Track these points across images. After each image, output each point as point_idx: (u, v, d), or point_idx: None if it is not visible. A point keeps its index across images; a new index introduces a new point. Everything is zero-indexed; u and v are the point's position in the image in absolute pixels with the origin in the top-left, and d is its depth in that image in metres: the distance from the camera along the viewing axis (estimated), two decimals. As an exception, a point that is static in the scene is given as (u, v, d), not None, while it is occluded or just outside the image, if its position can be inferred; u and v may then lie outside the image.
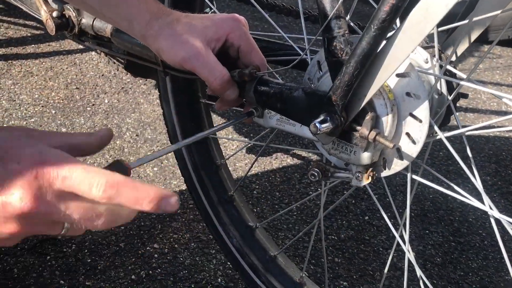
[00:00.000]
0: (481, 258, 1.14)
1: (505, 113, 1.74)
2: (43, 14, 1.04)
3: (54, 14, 1.03)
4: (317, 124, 0.59)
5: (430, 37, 0.66)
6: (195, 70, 0.66)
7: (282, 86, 0.66)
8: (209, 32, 0.67)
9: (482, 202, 0.65)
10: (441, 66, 0.64)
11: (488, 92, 1.85)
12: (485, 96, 1.87)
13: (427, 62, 0.67)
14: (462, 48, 0.72)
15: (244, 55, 0.69)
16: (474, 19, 0.63)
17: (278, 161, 1.37)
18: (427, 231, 1.20)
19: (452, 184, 0.67)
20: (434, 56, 0.66)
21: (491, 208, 0.65)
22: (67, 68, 1.72)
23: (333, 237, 1.16)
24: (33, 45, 1.82)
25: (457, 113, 1.73)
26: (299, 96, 0.64)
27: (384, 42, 0.54)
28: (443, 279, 1.08)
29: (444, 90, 0.67)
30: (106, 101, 1.57)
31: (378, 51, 0.54)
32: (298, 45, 0.79)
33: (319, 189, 1.22)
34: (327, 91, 0.59)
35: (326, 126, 0.59)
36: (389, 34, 0.54)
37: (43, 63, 1.73)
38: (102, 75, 1.70)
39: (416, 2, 0.51)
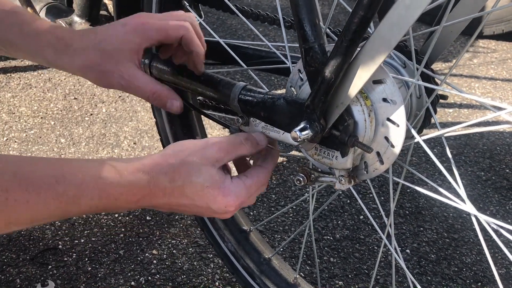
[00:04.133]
0: (475, 253, 1.16)
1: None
2: (36, 29, 1.06)
3: (47, 29, 1.05)
4: (297, 132, 0.61)
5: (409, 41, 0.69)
6: (135, 94, 0.71)
7: (265, 95, 0.68)
8: (126, 46, 0.68)
9: (464, 202, 0.67)
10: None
11: (477, 88, 1.87)
12: (479, 91, 1.88)
13: (404, 67, 0.70)
14: (440, 50, 0.74)
15: (186, 44, 0.71)
16: (444, 24, 0.64)
17: (274, 163, 1.39)
18: (422, 228, 1.22)
19: (433, 184, 0.69)
20: (411, 60, 0.68)
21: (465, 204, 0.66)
22: (65, 79, 1.75)
23: (328, 237, 1.18)
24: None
25: (451, 110, 1.74)
26: (281, 104, 0.66)
27: (358, 50, 0.56)
28: (437, 276, 1.09)
29: (422, 93, 0.69)
30: (104, 110, 1.59)
31: (351, 60, 0.56)
32: (282, 52, 0.81)
33: (306, 193, 1.24)
34: (307, 99, 0.62)
35: (306, 133, 0.61)
36: (362, 44, 0.56)
37: (41, 75, 1.76)
38: (100, 84, 1.73)
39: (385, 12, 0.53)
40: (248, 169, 0.65)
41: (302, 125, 0.61)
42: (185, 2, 0.86)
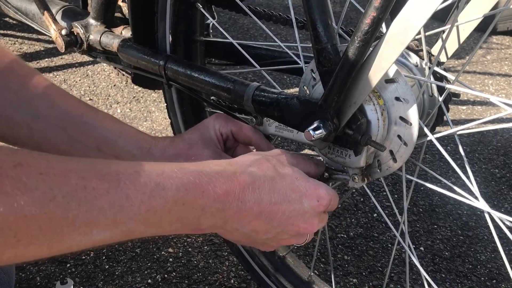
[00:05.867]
0: (490, 250, 1.16)
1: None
2: (53, 32, 1.08)
3: (63, 32, 1.07)
4: (310, 131, 0.62)
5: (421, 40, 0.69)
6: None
7: (278, 95, 0.69)
8: (208, 130, 0.71)
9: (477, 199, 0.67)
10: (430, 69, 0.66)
11: (491, 84, 1.85)
12: (493, 88, 1.87)
13: (417, 66, 0.70)
14: (452, 49, 0.74)
15: (238, 134, 0.72)
16: (456, 24, 0.65)
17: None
18: (435, 226, 1.22)
19: (447, 182, 0.69)
20: (423, 59, 0.69)
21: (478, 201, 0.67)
22: (80, 80, 1.77)
23: (342, 235, 1.18)
24: (46, 59, 1.88)
25: (464, 107, 1.73)
26: (294, 104, 0.67)
27: (370, 50, 0.57)
28: (451, 273, 1.09)
29: (435, 91, 0.69)
30: (119, 111, 1.62)
31: (363, 60, 0.57)
32: (295, 52, 0.82)
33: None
34: (320, 98, 0.62)
35: (320, 132, 0.62)
36: (374, 43, 0.57)
37: (57, 76, 1.78)
38: (114, 85, 1.75)
39: (398, 12, 0.54)
40: None
41: (315, 125, 0.62)
42: (199, 4, 0.87)
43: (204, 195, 0.48)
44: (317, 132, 0.62)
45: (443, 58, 0.75)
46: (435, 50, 0.75)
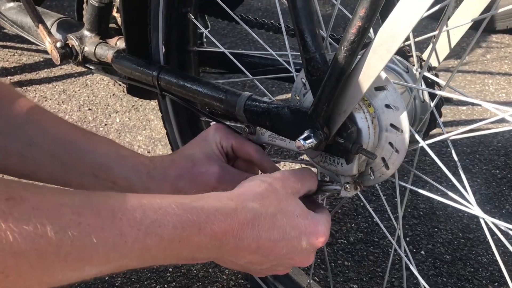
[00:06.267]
0: (491, 253, 1.15)
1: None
2: (48, 45, 1.09)
3: (58, 44, 1.07)
4: (301, 141, 0.61)
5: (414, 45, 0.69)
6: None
7: (269, 104, 0.69)
8: (210, 145, 0.70)
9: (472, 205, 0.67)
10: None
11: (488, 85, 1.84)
12: (493, 88, 1.86)
13: (407, 72, 0.70)
14: (444, 53, 0.74)
15: (238, 150, 0.70)
16: (445, 29, 0.64)
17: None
18: (436, 229, 1.21)
19: (441, 187, 0.69)
20: (414, 65, 0.68)
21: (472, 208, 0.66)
22: (79, 90, 1.78)
23: (342, 240, 1.18)
24: (46, 70, 1.89)
25: (464, 107, 1.72)
26: (285, 113, 0.67)
27: (358, 58, 0.56)
28: (452, 277, 1.09)
29: (426, 97, 0.69)
30: (118, 120, 1.62)
31: (351, 69, 0.56)
32: (287, 60, 0.82)
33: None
34: (310, 108, 0.62)
35: (310, 142, 0.61)
36: (361, 52, 0.56)
37: (56, 87, 1.79)
38: (113, 94, 1.75)
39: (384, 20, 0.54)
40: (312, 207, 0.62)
41: (306, 134, 0.62)
42: (190, 14, 0.87)
43: (201, 233, 0.47)
44: (307, 141, 0.61)
45: (434, 63, 0.75)
46: (426, 55, 0.75)
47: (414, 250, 1.15)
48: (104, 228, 0.40)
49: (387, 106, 0.61)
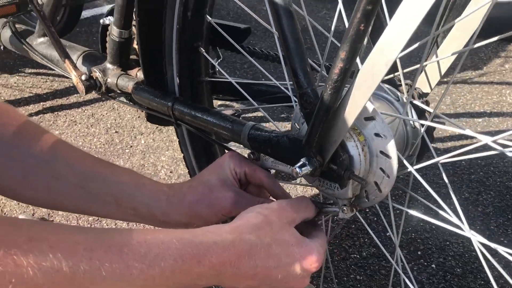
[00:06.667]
0: (502, 266, 1.16)
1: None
2: (74, 78, 1.18)
3: (83, 77, 1.16)
4: (297, 169, 0.67)
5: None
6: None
7: (270, 133, 0.75)
8: (224, 171, 0.75)
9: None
10: (411, 103, 0.71)
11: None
12: (510, 98, 1.87)
13: (398, 100, 0.75)
14: (435, 80, 0.78)
15: (251, 176, 0.76)
16: (428, 63, 0.69)
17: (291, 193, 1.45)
18: (448, 242, 1.24)
19: (437, 209, 0.73)
20: (403, 93, 0.73)
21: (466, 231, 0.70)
22: (106, 113, 1.88)
23: (355, 255, 1.22)
24: (75, 95, 2.00)
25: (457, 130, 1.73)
26: (284, 142, 0.73)
27: (346, 91, 0.62)
28: (463, 290, 1.12)
29: (416, 124, 0.74)
30: (143, 141, 1.71)
31: (337, 104, 0.62)
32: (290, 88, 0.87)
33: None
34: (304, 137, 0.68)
35: (305, 169, 0.67)
36: (346, 88, 0.62)
37: (85, 111, 1.89)
38: (139, 116, 1.85)
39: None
40: (309, 231, 0.68)
41: (301, 162, 0.67)
42: (201, 48, 0.94)
43: (200, 265, 0.52)
44: (303, 168, 0.67)
45: (427, 89, 0.79)
46: (419, 82, 0.80)
47: (425, 263, 1.18)
48: (113, 262, 0.45)
49: (376, 134, 0.66)
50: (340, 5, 0.71)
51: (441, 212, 0.73)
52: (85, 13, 2.68)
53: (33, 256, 0.41)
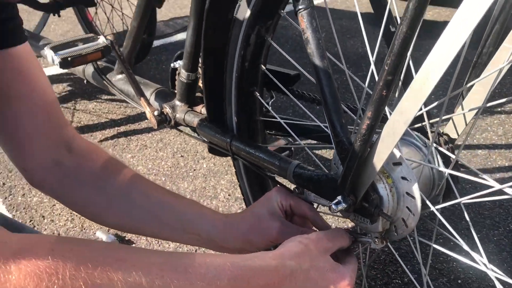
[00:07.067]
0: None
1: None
2: (148, 113, 1.35)
3: (156, 113, 1.33)
4: (333, 206, 0.78)
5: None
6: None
7: (312, 172, 0.87)
8: (271, 203, 0.87)
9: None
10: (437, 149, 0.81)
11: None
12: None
13: (425, 146, 0.84)
14: (461, 127, 0.87)
15: (296, 208, 0.88)
16: (453, 115, 0.78)
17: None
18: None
19: (464, 246, 0.81)
20: (431, 139, 0.83)
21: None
22: (173, 138, 2.06)
23: (397, 281, 1.30)
24: (146, 120, 2.19)
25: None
26: (323, 181, 0.84)
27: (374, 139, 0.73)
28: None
29: (441, 167, 0.83)
30: (205, 165, 1.87)
31: (366, 153, 0.73)
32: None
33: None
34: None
35: (340, 206, 0.78)
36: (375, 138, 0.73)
37: (155, 136, 2.09)
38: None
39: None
40: (343, 257, 0.78)
41: (337, 199, 0.79)
42: (256, 92, 1.08)
43: (249, 285, 0.62)
44: (338, 206, 0.78)
45: (454, 135, 0.89)
46: (448, 128, 0.89)
47: (466, 292, 1.24)
48: (180, 280, 0.57)
49: (403, 178, 0.76)
50: (372, 66, 0.82)
51: (465, 247, 0.82)
52: (155, 43, 2.91)
53: (121, 272, 0.55)
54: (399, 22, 0.61)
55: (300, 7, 0.77)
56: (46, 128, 0.86)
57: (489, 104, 0.76)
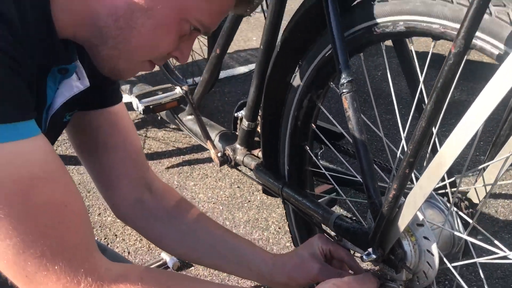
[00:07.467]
0: None
1: None
2: (212, 154, 1.55)
3: (219, 154, 1.53)
4: (364, 256, 0.93)
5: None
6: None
7: (350, 224, 1.02)
8: (313, 247, 1.02)
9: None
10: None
11: None
12: None
13: (447, 209, 0.98)
14: (482, 194, 1.00)
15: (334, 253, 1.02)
16: (472, 187, 0.92)
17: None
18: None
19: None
20: (452, 203, 0.96)
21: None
22: (232, 169, 2.25)
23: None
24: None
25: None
26: (359, 233, 0.99)
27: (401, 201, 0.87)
28: None
29: (459, 230, 0.96)
30: (258, 198, 2.04)
31: (393, 216, 0.88)
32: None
33: None
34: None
35: (370, 257, 0.93)
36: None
37: (215, 166, 2.29)
38: (257, 174, 2.20)
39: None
40: None
41: (367, 251, 0.94)
42: (307, 146, 1.25)
43: None
44: (368, 257, 0.93)
45: (475, 200, 1.01)
46: (471, 193, 1.02)
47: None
48: None
49: (425, 237, 0.90)
50: (402, 135, 0.97)
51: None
52: (220, 75, 3.14)
53: None
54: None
55: (344, 90, 0.93)
56: (133, 172, 1.07)
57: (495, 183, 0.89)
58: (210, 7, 0.78)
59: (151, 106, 1.43)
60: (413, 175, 0.96)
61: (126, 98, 1.85)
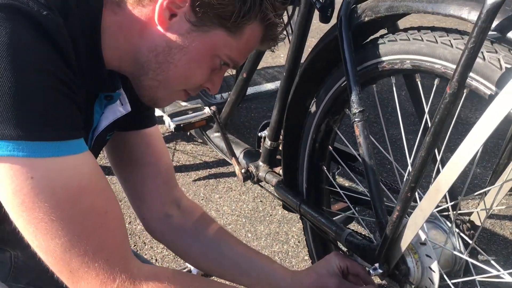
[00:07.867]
0: None
1: None
2: (236, 170, 1.66)
3: (243, 170, 1.64)
4: (371, 271, 1.02)
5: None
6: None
7: (360, 241, 1.11)
8: (331, 264, 1.10)
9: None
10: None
11: None
12: None
13: (449, 229, 1.06)
14: (484, 216, 1.08)
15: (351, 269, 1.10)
16: (475, 210, 1.00)
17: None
18: None
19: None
20: (453, 224, 1.04)
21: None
22: (254, 184, 2.36)
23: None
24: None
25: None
26: (367, 249, 1.09)
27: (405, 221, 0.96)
28: None
29: (462, 248, 1.04)
30: (280, 212, 2.14)
31: (397, 235, 0.96)
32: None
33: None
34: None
35: (376, 272, 1.02)
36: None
37: (237, 181, 2.40)
38: (279, 189, 2.29)
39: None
40: None
41: (374, 266, 1.03)
42: (324, 166, 1.34)
43: None
44: (374, 271, 1.02)
45: (478, 222, 1.09)
46: (473, 216, 1.10)
47: None
48: None
49: (427, 255, 0.99)
50: (409, 161, 1.06)
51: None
52: (247, 90, 3.26)
53: None
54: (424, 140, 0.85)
55: (356, 119, 1.03)
56: (163, 188, 1.18)
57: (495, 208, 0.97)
58: (238, 45, 0.89)
59: (181, 125, 1.55)
60: (417, 196, 1.04)
61: (158, 112, 1.98)
